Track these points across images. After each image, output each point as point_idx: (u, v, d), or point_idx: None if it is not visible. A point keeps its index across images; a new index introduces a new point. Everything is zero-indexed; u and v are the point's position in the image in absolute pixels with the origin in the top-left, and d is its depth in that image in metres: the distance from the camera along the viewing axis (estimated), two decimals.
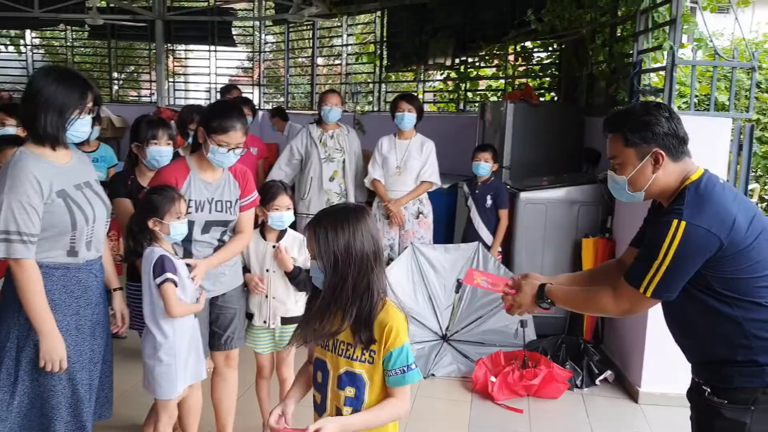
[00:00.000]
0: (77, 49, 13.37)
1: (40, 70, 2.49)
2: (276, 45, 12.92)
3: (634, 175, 2.12)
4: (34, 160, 2.37)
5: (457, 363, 4.60)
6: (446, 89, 10.12)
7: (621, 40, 5.48)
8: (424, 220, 5.14)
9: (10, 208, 2.29)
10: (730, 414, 2.04)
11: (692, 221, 1.95)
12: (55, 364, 2.39)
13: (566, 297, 2.32)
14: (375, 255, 1.95)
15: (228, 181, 3.10)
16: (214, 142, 2.92)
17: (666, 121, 2.07)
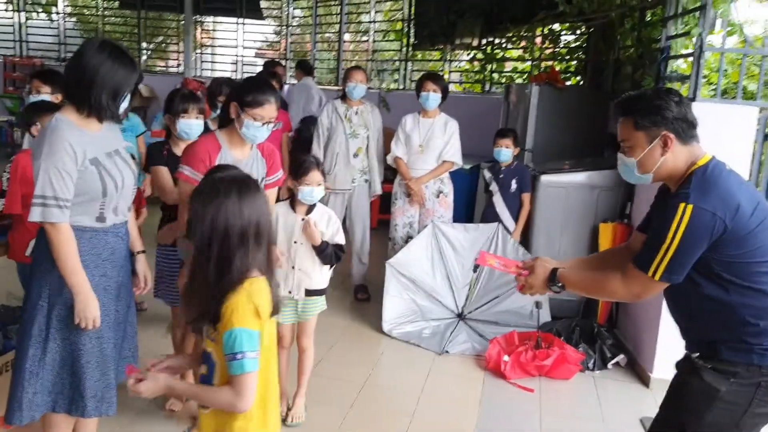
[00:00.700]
0: (107, 19, 13.47)
1: (94, 45, 2.52)
2: (303, 19, 12.91)
3: (643, 158, 2.17)
4: (69, 128, 2.45)
5: (471, 341, 4.66)
6: (472, 70, 10.08)
7: (650, 25, 5.44)
8: (444, 199, 5.18)
9: (47, 173, 2.37)
10: (709, 378, 2.13)
11: (699, 204, 2.00)
12: (89, 322, 2.48)
13: (577, 281, 2.38)
14: (244, 231, 1.88)
15: (256, 158, 3.13)
16: (249, 116, 2.94)
17: (675, 106, 2.12)
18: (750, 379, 2.09)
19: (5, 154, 11.48)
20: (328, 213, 3.51)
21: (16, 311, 3.62)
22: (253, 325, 1.84)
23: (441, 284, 4.98)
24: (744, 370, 2.09)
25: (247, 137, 3.01)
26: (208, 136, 3.10)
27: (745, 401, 2.10)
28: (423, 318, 4.85)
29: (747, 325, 2.08)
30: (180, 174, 3.00)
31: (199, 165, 2.94)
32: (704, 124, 4.03)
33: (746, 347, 2.09)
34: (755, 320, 2.07)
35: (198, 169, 2.93)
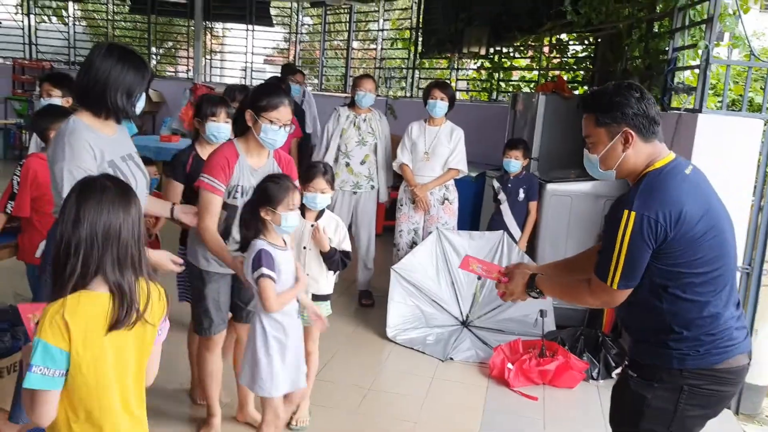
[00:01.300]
0: (118, 23, 13.57)
1: (103, 49, 2.56)
2: (312, 27, 12.99)
3: (605, 154, 2.18)
4: (86, 130, 2.49)
5: (475, 349, 4.67)
6: (479, 78, 10.12)
7: (657, 37, 5.45)
8: (449, 206, 5.21)
9: (72, 174, 2.40)
10: (635, 386, 2.19)
11: (640, 211, 2.01)
12: None
13: (552, 288, 2.43)
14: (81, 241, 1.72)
15: (273, 167, 3.15)
16: (265, 119, 2.97)
17: (636, 102, 2.12)
18: (672, 384, 2.12)
19: (14, 156, 11.57)
20: (336, 220, 3.54)
21: None
22: (53, 341, 1.66)
23: (445, 291, 5.00)
24: (666, 374, 2.13)
25: (265, 142, 3.03)
26: (227, 144, 3.12)
27: (671, 406, 2.13)
28: (427, 324, 4.87)
29: (671, 332, 2.11)
30: (200, 182, 3.02)
31: (218, 173, 2.97)
32: (710, 135, 4.10)
33: (667, 352, 2.12)
34: (680, 329, 2.10)
35: (217, 177, 2.97)
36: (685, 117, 4.32)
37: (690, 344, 2.10)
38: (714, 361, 2.11)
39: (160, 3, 12.55)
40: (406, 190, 5.24)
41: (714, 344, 2.11)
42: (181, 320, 4.58)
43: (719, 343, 2.11)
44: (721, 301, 2.13)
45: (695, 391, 2.12)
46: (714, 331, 2.11)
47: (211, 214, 3.02)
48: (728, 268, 2.15)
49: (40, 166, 3.49)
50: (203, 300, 3.20)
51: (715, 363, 2.11)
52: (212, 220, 3.02)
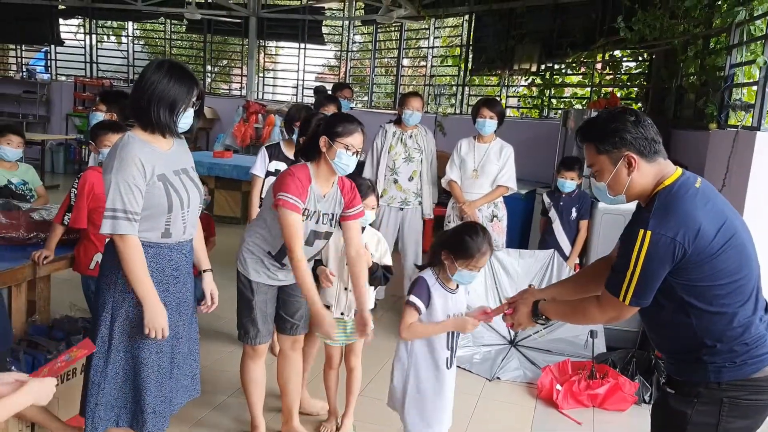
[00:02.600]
0: (175, 42, 13.95)
1: (154, 63, 2.62)
2: (363, 45, 13.12)
3: (611, 180, 2.18)
4: (139, 145, 2.55)
5: (523, 368, 4.60)
6: (530, 95, 10.05)
7: (714, 53, 5.35)
8: (498, 224, 5.16)
9: (117, 187, 2.46)
10: (675, 403, 2.18)
11: (657, 230, 2.00)
12: (158, 332, 2.56)
13: (557, 312, 2.44)
14: None
15: (336, 194, 3.17)
16: (341, 145, 3.01)
17: (632, 126, 2.12)
18: (712, 398, 2.11)
19: (73, 170, 11.96)
20: (378, 235, 3.55)
21: (80, 322, 3.75)
22: None
23: None
24: (704, 389, 2.11)
25: (338, 167, 3.06)
26: (302, 166, 3.12)
27: (713, 420, 2.11)
28: (474, 343, 4.82)
29: (704, 347, 2.10)
30: (284, 202, 2.96)
31: (299, 193, 2.97)
32: None
33: (702, 366, 2.11)
34: (713, 342, 2.09)
35: (299, 197, 2.96)
36: (743, 135, 4.21)
37: (725, 356, 2.09)
38: (751, 370, 2.09)
39: (215, 23, 12.87)
40: (454, 207, 5.22)
41: (749, 354, 2.09)
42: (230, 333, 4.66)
43: (754, 351, 2.09)
44: (749, 309, 2.10)
45: (736, 403, 2.10)
46: (747, 341, 2.09)
47: (298, 236, 2.98)
48: (752, 276, 2.11)
49: (97, 179, 3.59)
50: (252, 310, 3.23)
51: (753, 372, 2.09)
52: (300, 243, 2.99)
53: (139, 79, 2.60)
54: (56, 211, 3.78)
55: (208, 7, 12.36)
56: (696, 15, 5.50)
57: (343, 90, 6.87)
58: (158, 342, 2.62)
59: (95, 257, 3.61)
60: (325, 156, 3.05)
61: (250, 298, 3.22)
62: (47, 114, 13.57)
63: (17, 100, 13.50)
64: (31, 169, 4.62)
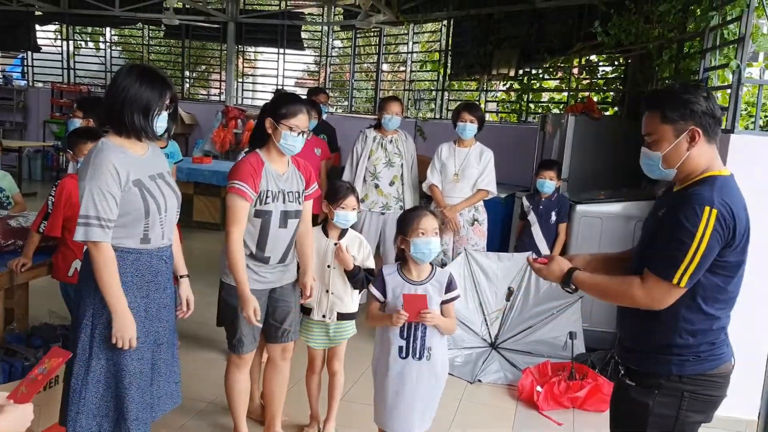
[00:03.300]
0: (153, 48, 13.87)
1: (125, 68, 2.62)
2: (342, 50, 13.14)
3: (669, 152, 2.14)
4: (114, 151, 2.54)
5: (504, 371, 4.63)
6: (508, 99, 10.13)
7: (688, 57, 5.42)
8: (478, 227, 5.20)
9: (90, 194, 2.46)
10: (636, 395, 2.22)
11: (722, 209, 2.01)
12: (125, 342, 2.54)
13: (593, 286, 2.31)
14: None
15: (294, 172, 3.24)
16: (285, 126, 3.07)
17: (704, 101, 2.10)
18: (673, 390, 2.16)
19: (51, 177, 11.84)
20: (359, 238, 3.56)
21: (58, 329, 3.72)
22: None
23: (473, 312, 4.97)
24: (665, 381, 2.16)
25: (285, 149, 3.13)
26: (252, 154, 3.18)
27: (673, 412, 2.16)
28: (455, 346, 4.84)
29: (679, 337, 2.14)
30: (230, 188, 3.06)
31: (247, 179, 3.04)
32: (742, 155, 4.04)
33: (667, 359, 2.16)
34: (687, 335, 2.14)
35: (246, 182, 3.02)
36: None
37: (691, 351, 2.15)
38: (710, 366, 2.16)
39: (194, 28, 12.83)
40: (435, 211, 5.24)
41: (711, 351, 2.16)
42: (210, 339, 4.64)
43: (716, 350, 2.17)
44: (729, 318, 2.20)
45: (695, 397, 2.16)
46: (715, 341, 2.17)
47: (239, 221, 3.05)
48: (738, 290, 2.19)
49: (74, 187, 3.56)
50: (237, 318, 3.20)
51: (711, 368, 2.16)
52: (239, 228, 3.06)
53: (111, 85, 2.60)
54: (33, 218, 3.75)
55: (186, 13, 12.31)
56: (670, 20, 5.57)
57: (319, 95, 6.86)
58: (139, 349, 2.61)
59: (74, 264, 3.58)
60: (272, 138, 3.12)
61: (234, 305, 3.19)
62: (24, 121, 13.44)
63: None
64: (8, 176, 4.58)
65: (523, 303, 4.93)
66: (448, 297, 2.97)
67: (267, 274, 3.22)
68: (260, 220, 3.11)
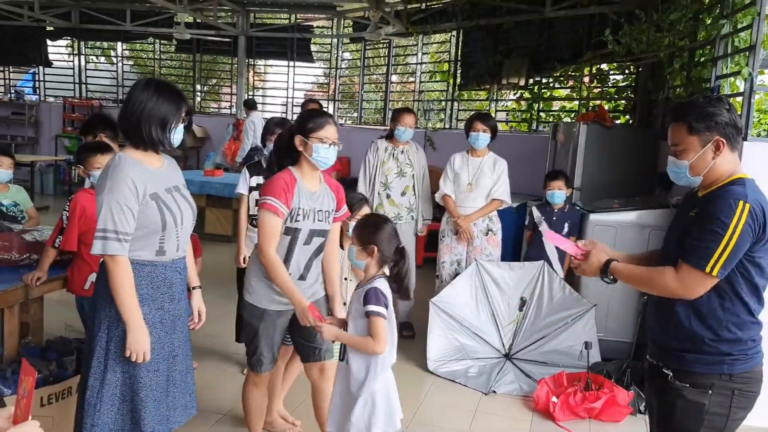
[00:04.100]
0: (164, 62, 13.98)
1: (141, 83, 2.65)
2: (352, 62, 13.19)
3: (696, 161, 2.29)
4: (131, 165, 2.55)
5: (519, 381, 4.60)
6: (519, 109, 10.13)
7: (699, 65, 5.41)
8: (493, 237, 5.18)
9: (109, 208, 2.47)
10: (691, 396, 2.30)
11: (754, 204, 2.15)
12: (139, 356, 2.54)
13: (630, 275, 2.42)
14: None
15: (326, 191, 3.17)
16: (315, 139, 3.01)
17: (727, 113, 2.25)
18: (725, 389, 2.26)
19: (63, 191, 11.92)
20: None
21: (74, 343, 3.72)
22: None
23: (486, 323, 4.95)
24: (718, 380, 2.26)
25: (318, 162, 3.06)
26: (285, 171, 3.12)
27: (725, 410, 2.27)
28: (469, 357, 4.82)
29: (727, 331, 2.25)
30: (263, 204, 3.01)
31: (280, 195, 2.97)
32: (754, 162, 4.02)
33: (718, 359, 2.26)
34: (735, 328, 2.25)
35: (279, 199, 2.96)
36: None
37: (741, 347, 2.26)
38: (754, 363, 2.30)
39: (204, 42, 12.92)
40: (448, 222, 5.23)
41: (756, 349, 2.30)
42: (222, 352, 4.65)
43: (758, 347, 2.31)
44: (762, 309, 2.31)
45: (743, 394, 2.28)
46: (756, 337, 2.31)
47: (273, 238, 3.00)
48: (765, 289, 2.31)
49: (88, 201, 3.58)
50: (256, 337, 3.15)
51: (755, 365, 2.30)
52: (273, 244, 3.00)
53: (127, 99, 2.62)
54: (48, 232, 3.77)
55: (197, 27, 12.40)
56: (681, 28, 5.56)
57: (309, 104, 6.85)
58: (155, 360, 2.61)
59: (89, 278, 3.59)
60: (303, 154, 3.06)
61: (255, 326, 3.14)
62: (36, 135, 13.55)
63: (5, 121, 13.47)
64: (22, 191, 4.61)
65: (537, 312, 4.90)
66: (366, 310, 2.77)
67: None
68: (288, 238, 3.05)
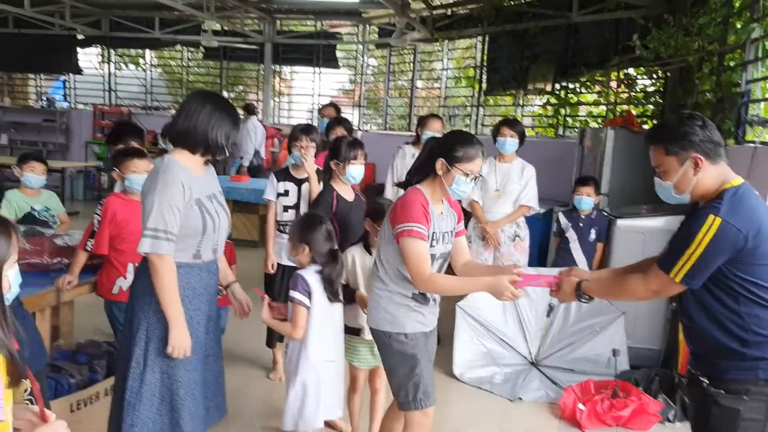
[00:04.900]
0: (192, 69, 14.13)
1: (201, 94, 2.82)
2: (377, 68, 13.22)
3: (678, 180, 2.33)
4: (180, 169, 2.64)
5: (545, 388, 4.57)
6: (545, 114, 10.07)
7: (729, 69, 5.34)
8: (520, 243, 5.14)
9: (160, 208, 2.54)
10: (726, 402, 2.29)
11: (727, 219, 2.16)
12: (181, 352, 2.59)
13: (600, 289, 2.58)
14: None
15: (448, 210, 3.00)
16: (459, 171, 2.81)
17: (700, 129, 2.28)
18: (761, 394, 2.25)
19: (92, 197, 12.09)
20: None
21: (103, 346, 3.78)
22: None
23: (513, 329, 4.92)
24: (753, 385, 2.26)
25: (455, 194, 2.88)
26: (416, 191, 2.89)
27: (762, 415, 2.27)
28: (495, 363, 4.79)
29: (753, 334, 2.24)
30: (410, 232, 2.76)
31: (421, 219, 2.80)
32: None
33: (751, 364, 2.25)
34: (759, 329, 2.24)
35: (422, 224, 2.79)
36: (761, 150, 4.20)
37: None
38: None
39: (231, 49, 13.04)
40: (475, 227, 5.20)
41: None
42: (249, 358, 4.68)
43: None
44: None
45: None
46: None
47: (426, 261, 2.78)
48: None
49: (119, 206, 3.64)
50: (418, 366, 2.90)
51: None
52: (428, 267, 2.78)
53: (190, 107, 2.70)
54: (79, 236, 3.83)
55: (224, 34, 12.53)
56: (710, 32, 5.50)
57: (325, 109, 6.82)
58: (192, 360, 2.65)
59: (118, 282, 3.64)
60: (441, 179, 2.86)
61: (412, 354, 2.90)
62: (66, 142, 13.76)
63: (37, 128, 13.71)
64: (53, 196, 4.68)
65: (564, 319, 4.86)
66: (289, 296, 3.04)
67: (428, 314, 2.96)
68: None
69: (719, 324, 2.28)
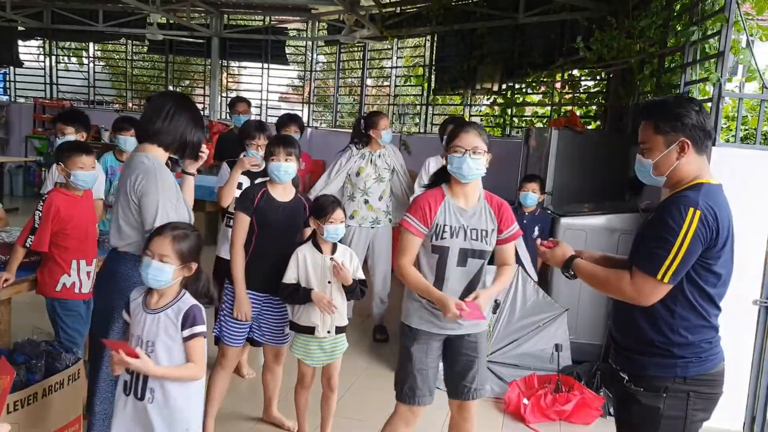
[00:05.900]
0: (136, 63, 13.84)
1: (172, 96, 3.03)
2: (326, 65, 13.18)
3: (660, 160, 2.30)
4: (165, 166, 2.83)
5: (490, 383, 4.62)
6: (492, 114, 10.20)
7: (669, 71, 5.49)
8: None
9: (165, 209, 2.70)
10: (646, 400, 2.31)
11: (705, 212, 2.15)
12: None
13: (589, 275, 2.46)
14: None
15: (484, 209, 3.01)
16: (452, 150, 2.94)
17: (695, 114, 2.25)
18: (680, 392, 2.27)
19: (33, 193, 11.74)
20: (349, 251, 3.56)
21: (42, 345, 3.67)
22: None
23: None
24: (671, 383, 2.27)
25: (457, 173, 2.92)
26: (432, 189, 3.04)
27: (681, 413, 2.28)
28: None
29: (679, 336, 2.26)
30: (403, 223, 2.96)
31: (418, 213, 2.90)
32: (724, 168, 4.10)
33: (671, 362, 2.27)
34: (685, 332, 2.26)
35: (417, 217, 2.90)
36: None
37: (693, 350, 2.27)
38: (710, 366, 2.29)
39: (177, 43, 12.81)
40: None
41: (711, 351, 2.30)
42: None
43: (713, 349, 2.31)
44: (718, 322, 2.33)
45: (699, 396, 2.28)
46: (711, 340, 2.31)
47: (409, 253, 2.94)
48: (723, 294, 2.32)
49: (63, 201, 3.55)
50: (410, 361, 3.04)
51: (711, 368, 2.30)
52: (409, 259, 2.94)
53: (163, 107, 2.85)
54: (17, 233, 3.71)
55: (169, 28, 12.30)
56: (651, 35, 5.65)
57: (238, 104, 6.81)
58: None
59: (62, 279, 3.55)
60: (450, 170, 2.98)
61: (408, 348, 3.04)
62: (6, 136, 13.32)
63: None
64: None
65: (510, 316, 4.93)
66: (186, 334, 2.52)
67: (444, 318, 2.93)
68: (437, 256, 2.95)
69: (650, 318, 2.29)
